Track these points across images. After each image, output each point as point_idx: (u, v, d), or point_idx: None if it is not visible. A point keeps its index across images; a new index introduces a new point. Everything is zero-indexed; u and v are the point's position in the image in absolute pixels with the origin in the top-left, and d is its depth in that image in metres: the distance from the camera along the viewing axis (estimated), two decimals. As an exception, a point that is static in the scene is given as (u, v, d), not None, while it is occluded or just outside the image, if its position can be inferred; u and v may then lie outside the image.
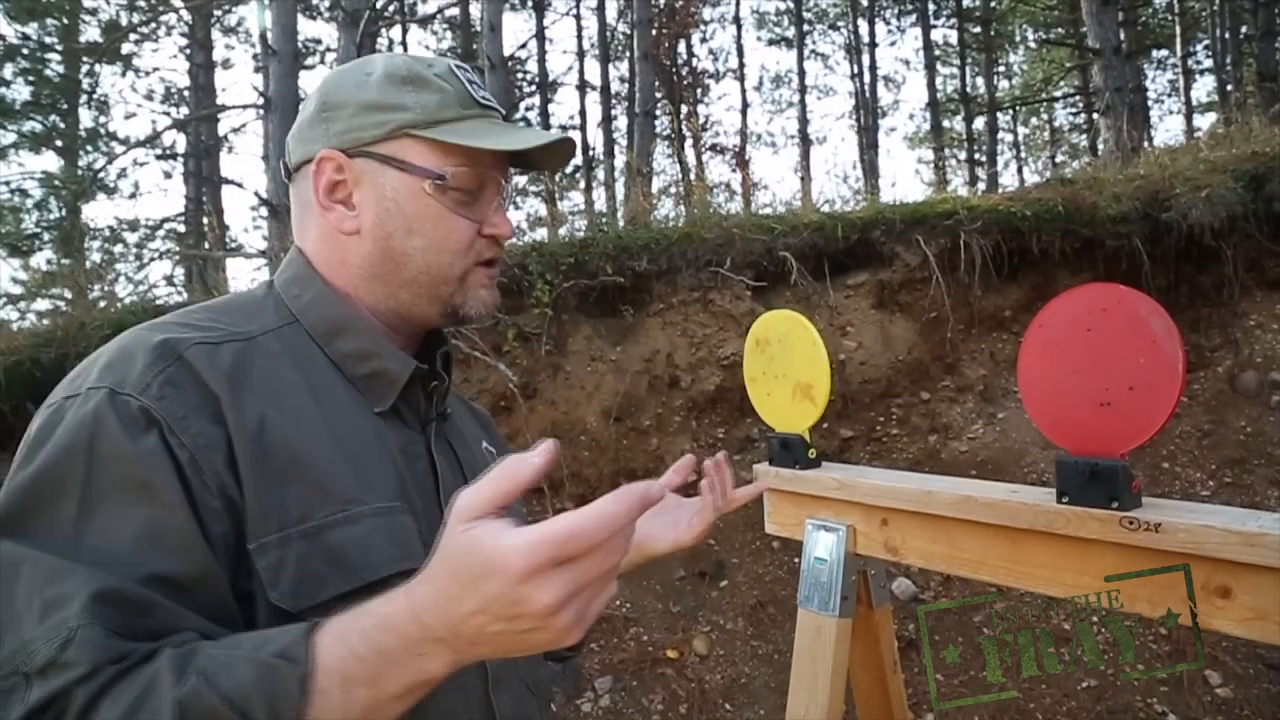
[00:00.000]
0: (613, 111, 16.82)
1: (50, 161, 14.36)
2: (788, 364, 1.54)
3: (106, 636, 0.63)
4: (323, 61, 15.88)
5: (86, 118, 14.69)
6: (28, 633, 0.62)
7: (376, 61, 0.91)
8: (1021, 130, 23.59)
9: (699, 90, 19.52)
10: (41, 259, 12.42)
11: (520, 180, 18.65)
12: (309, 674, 0.60)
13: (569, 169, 18.30)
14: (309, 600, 0.72)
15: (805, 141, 19.76)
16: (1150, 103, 18.32)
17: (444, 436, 0.96)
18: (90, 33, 14.44)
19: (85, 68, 13.95)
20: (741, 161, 17.07)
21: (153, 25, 14.93)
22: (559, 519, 0.59)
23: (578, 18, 18.08)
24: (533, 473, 0.63)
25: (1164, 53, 19.18)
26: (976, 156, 18.86)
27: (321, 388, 0.83)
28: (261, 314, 0.87)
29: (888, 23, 20.54)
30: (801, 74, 19.72)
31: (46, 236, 12.62)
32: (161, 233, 14.95)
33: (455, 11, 16.36)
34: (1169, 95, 21.32)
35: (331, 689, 0.61)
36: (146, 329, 0.79)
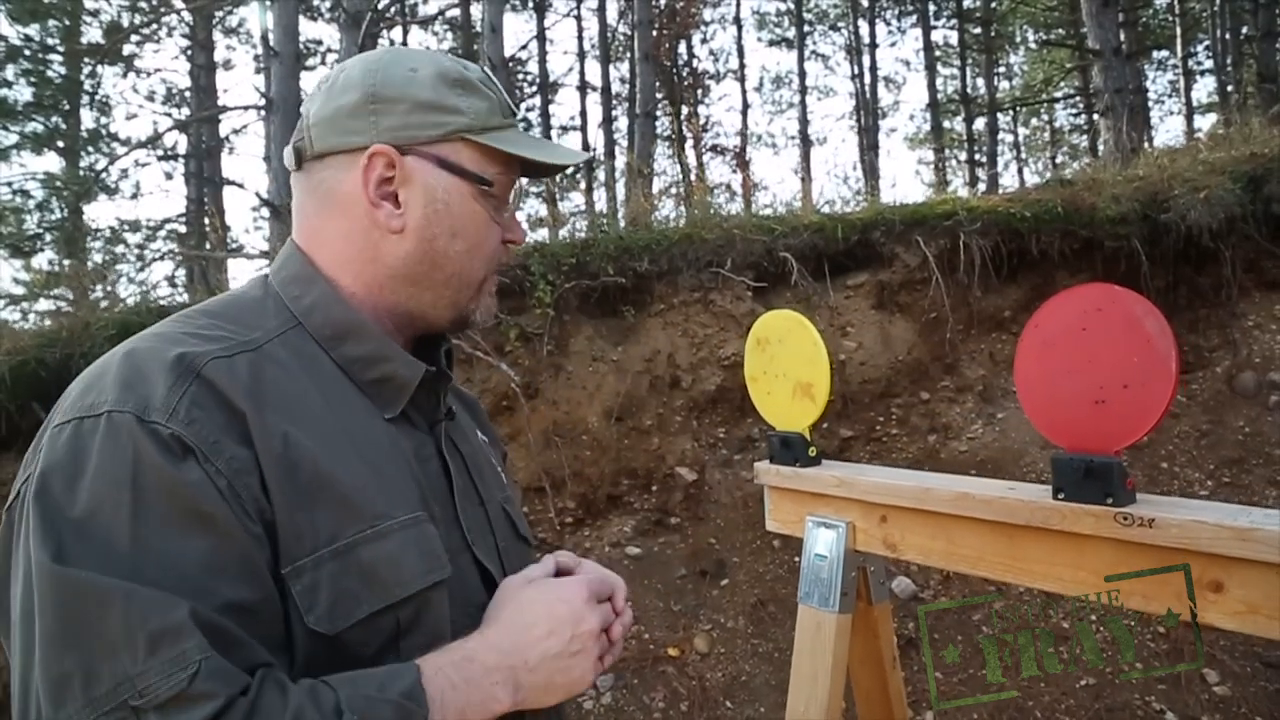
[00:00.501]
0: (613, 112, 16.85)
1: (52, 162, 14.40)
2: (788, 363, 1.56)
3: (230, 668, 0.64)
4: (323, 63, 15.90)
5: (88, 119, 14.70)
6: (133, 666, 0.61)
7: (419, 57, 0.90)
8: (1022, 131, 23.63)
9: (699, 91, 19.54)
10: (43, 259, 12.44)
11: (521, 180, 18.64)
12: (429, 714, 0.69)
13: (569, 170, 18.31)
14: (345, 621, 0.72)
15: (806, 142, 19.78)
16: (1150, 103, 18.37)
17: (449, 435, 0.95)
18: (92, 34, 14.48)
19: (87, 69, 13.97)
20: (742, 162, 17.08)
21: (154, 26, 14.94)
22: (595, 573, 0.91)
23: (578, 19, 18.12)
24: (555, 568, 0.91)
25: (1164, 53, 19.20)
26: (977, 157, 18.86)
27: (333, 396, 0.82)
28: (263, 317, 0.84)
29: (888, 23, 20.56)
30: (802, 75, 19.75)
31: (48, 237, 12.62)
32: (163, 233, 14.95)
33: (456, 12, 16.37)
34: (1169, 96, 21.36)
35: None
36: (155, 340, 0.76)
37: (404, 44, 16.84)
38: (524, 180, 1.02)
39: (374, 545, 0.76)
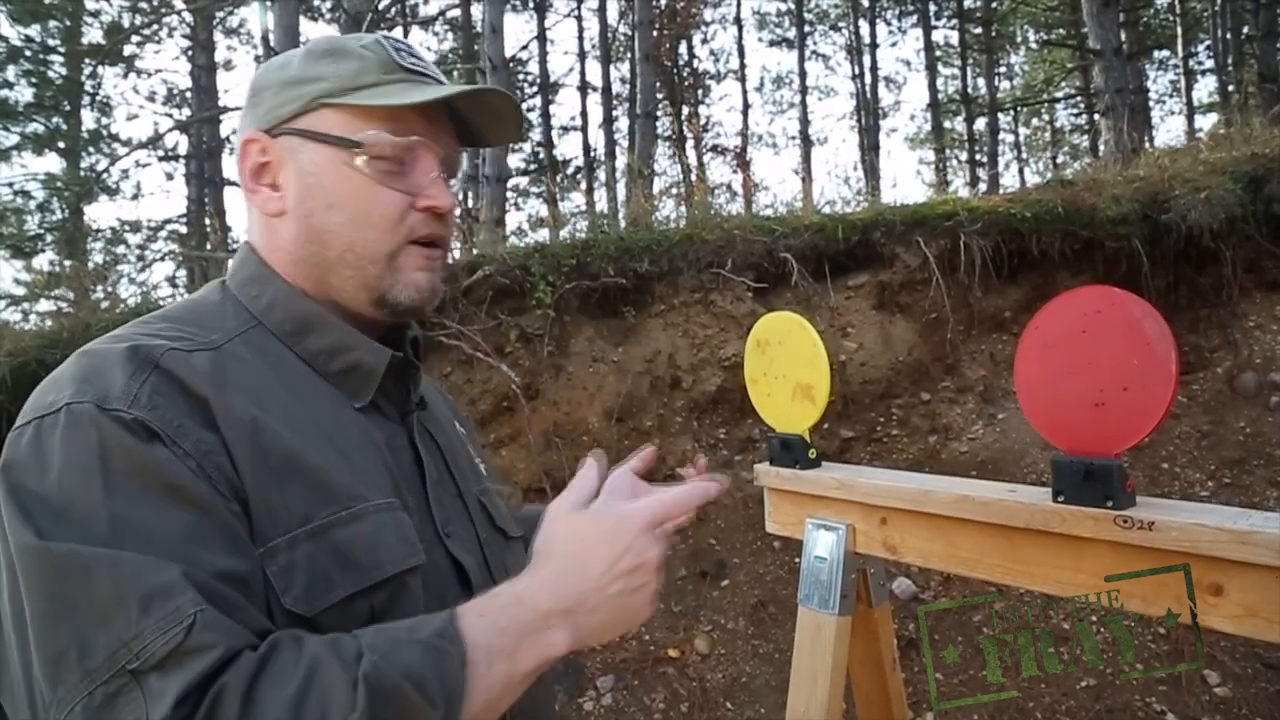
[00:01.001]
0: (614, 113, 16.83)
1: (53, 163, 14.38)
2: (788, 365, 1.56)
3: (229, 622, 0.62)
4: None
5: (89, 119, 14.70)
6: (127, 630, 0.59)
7: (305, 43, 0.90)
8: (1023, 131, 23.63)
9: (700, 91, 19.55)
10: (44, 260, 12.45)
11: (521, 181, 18.68)
12: (465, 652, 0.65)
13: (570, 170, 18.30)
14: (322, 602, 0.71)
15: (806, 142, 19.77)
16: (1151, 103, 18.37)
17: (423, 425, 0.93)
18: (92, 34, 14.48)
19: (88, 69, 13.98)
20: (742, 162, 17.09)
21: (155, 27, 14.95)
22: (655, 496, 0.81)
23: (579, 19, 18.11)
24: (598, 477, 0.84)
25: (1165, 53, 19.19)
26: (977, 157, 18.87)
27: (300, 389, 0.80)
28: (221, 320, 0.82)
29: (889, 24, 20.56)
30: (802, 75, 19.73)
31: (49, 238, 12.63)
32: (164, 234, 14.97)
33: (457, 13, 16.38)
34: (1170, 96, 21.36)
35: (479, 663, 0.66)
36: (108, 341, 0.75)
37: (404, 44, 16.83)
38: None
39: (349, 527, 0.74)
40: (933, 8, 19.22)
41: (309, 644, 0.63)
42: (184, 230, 15.08)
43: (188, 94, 16.24)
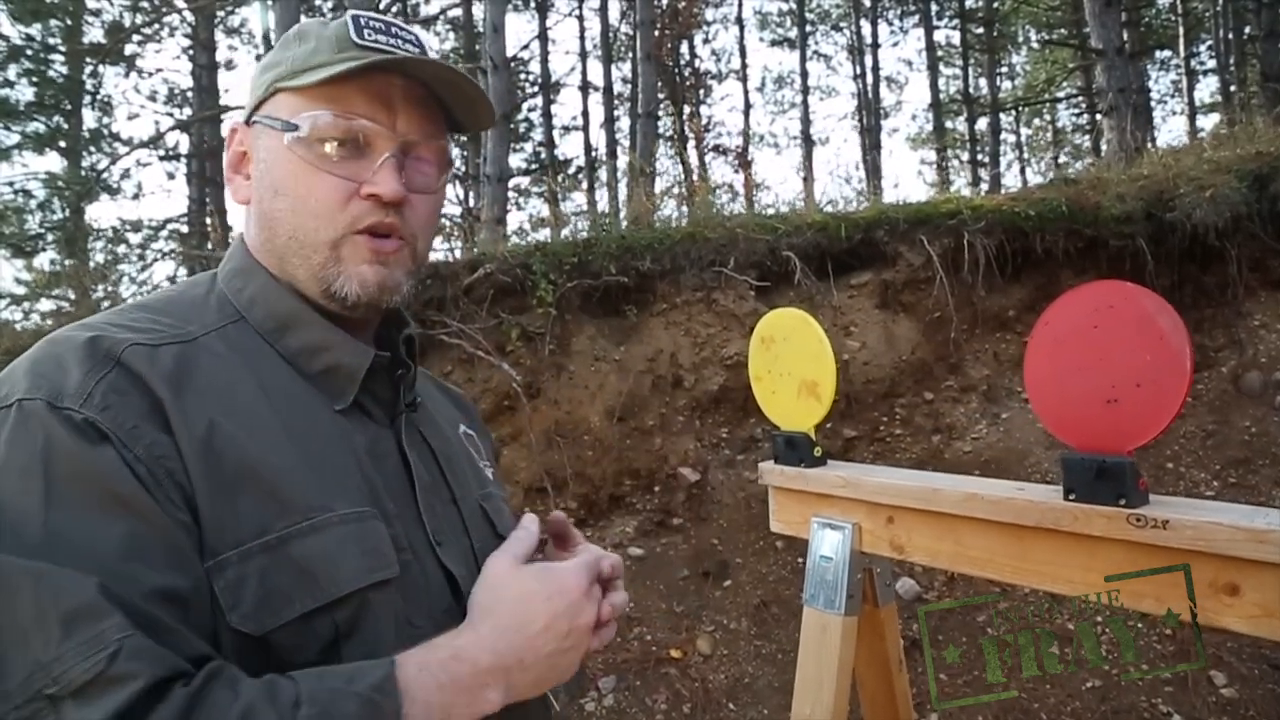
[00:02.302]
0: (615, 112, 16.80)
1: (54, 162, 14.41)
2: (793, 362, 1.55)
3: (157, 649, 0.58)
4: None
5: (90, 119, 14.70)
6: (45, 652, 0.56)
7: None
8: (1024, 131, 23.64)
9: (701, 91, 19.53)
10: (45, 260, 12.45)
11: (523, 181, 18.67)
12: (402, 708, 0.63)
13: (571, 170, 18.29)
14: (274, 620, 0.67)
15: (808, 142, 19.76)
16: (1153, 103, 18.35)
17: (415, 428, 0.89)
18: (93, 34, 14.49)
19: (88, 69, 13.98)
20: (744, 162, 17.07)
21: (156, 26, 14.95)
22: (590, 555, 0.84)
23: (580, 19, 18.09)
24: (538, 532, 0.87)
25: (1167, 53, 19.17)
26: (979, 157, 18.84)
27: (275, 388, 0.77)
28: (202, 313, 0.79)
29: (890, 24, 20.56)
30: (804, 75, 19.72)
31: (50, 237, 12.63)
32: (165, 233, 14.94)
33: (458, 13, 16.37)
34: (1172, 96, 21.36)
35: (415, 718, 0.64)
36: (74, 329, 0.72)
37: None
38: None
39: (307, 540, 0.70)
40: (934, 8, 19.20)
41: (244, 688, 0.60)
42: (185, 230, 15.07)
43: (189, 93, 16.23)
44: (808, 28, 20.61)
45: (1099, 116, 11.23)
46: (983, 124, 19.25)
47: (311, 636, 0.68)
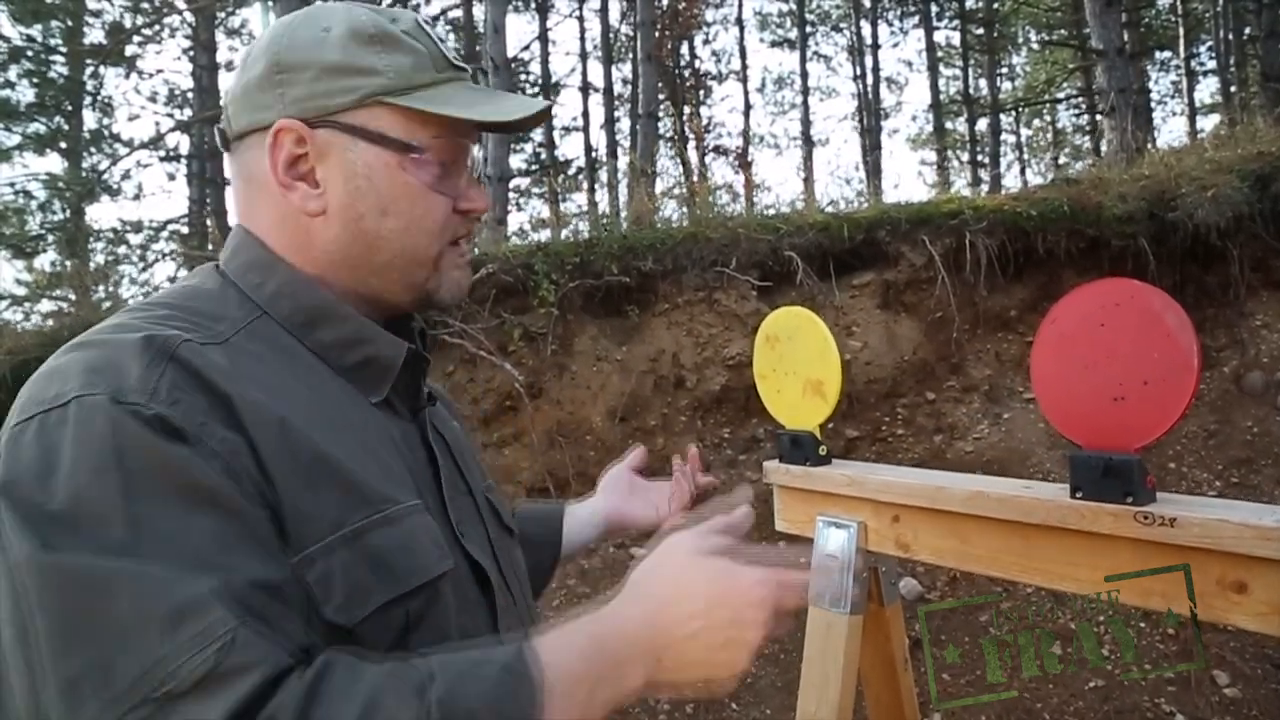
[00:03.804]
0: (615, 113, 16.83)
1: (54, 163, 14.38)
2: (798, 360, 1.54)
3: (267, 641, 0.57)
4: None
5: (90, 120, 14.72)
6: (152, 652, 0.54)
7: (335, 13, 0.79)
8: (1024, 132, 23.63)
9: (701, 92, 19.54)
10: (46, 260, 12.47)
11: (523, 182, 18.68)
12: (541, 681, 0.61)
13: (571, 170, 18.31)
14: (361, 612, 0.66)
15: (808, 143, 19.77)
16: (1153, 104, 18.35)
17: (432, 422, 0.89)
18: (94, 35, 14.52)
19: (89, 70, 14.00)
20: (744, 163, 17.08)
21: (156, 27, 14.97)
22: (780, 575, 0.74)
23: (580, 19, 18.11)
24: (744, 525, 0.83)
25: (1167, 54, 19.18)
26: (979, 158, 18.85)
27: (314, 384, 0.75)
28: (225, 309, 0.76)
29: (890, 24, 20.56)
30: (804, 75, 19.73)
31: (51, 238, 12.65)
32: (165, 234, 14.96)
33: (459, 13, 16.38)
34: (1172, 96, 21.36)
35: (557, 694, 0.62)
36: (113, 330, 0.68)
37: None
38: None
39: (383, 531, 0.70)
40: (934, 8, 19.21)
41: (367, 669, 0.59)
42: (185, 230, 15.07)
43: (189, 94, 16.24)
44: (808, 28, 20.62)
45: (1099, 117, 11.23)
46: (983, 125, 19.26)
47: (386, 627, 0.68)
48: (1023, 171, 22.66)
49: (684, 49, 18.61)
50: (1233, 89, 15.54)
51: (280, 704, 0.54)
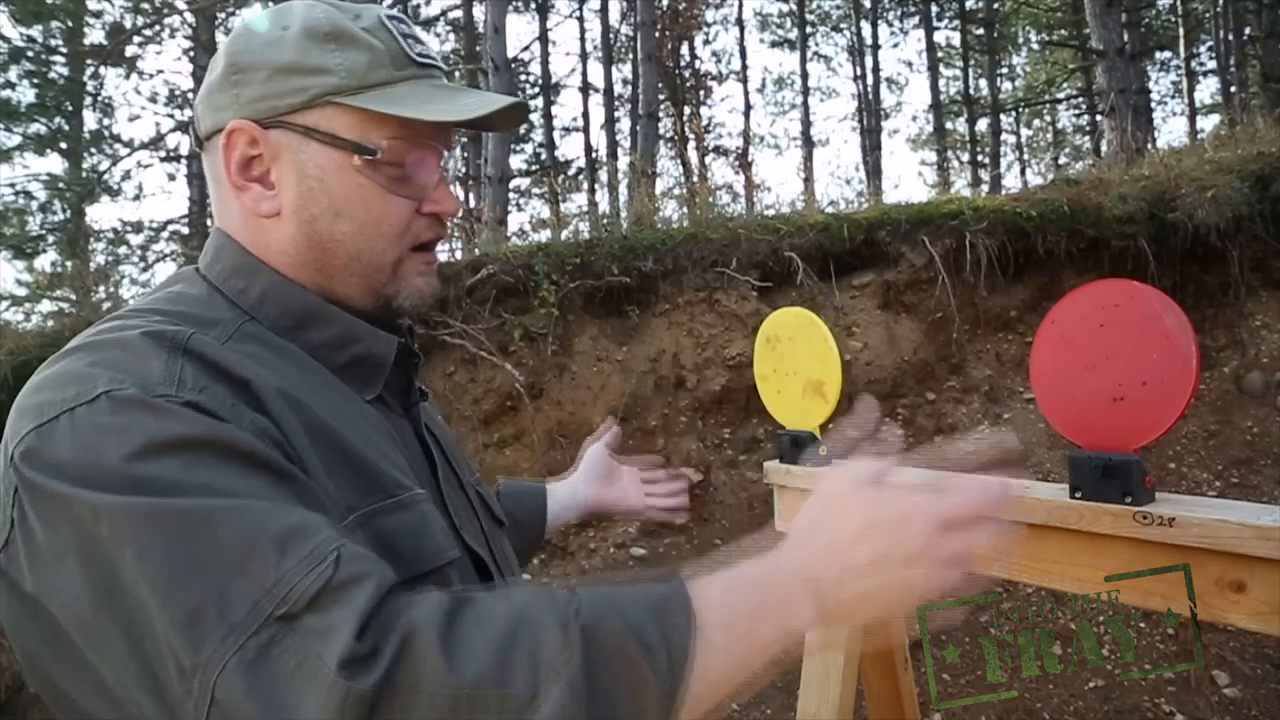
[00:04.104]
0: (616, 114, 16.84)
1: (55, 164, 14.40)
2: (799, 361, 1.55)
3: (374, 556, 0.58)
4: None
5: (91, 120, 14.73)
6: (266, 576, 0.54)
7: (295, 12, 0.78)
8: (1025, 132, 23.62)
9: (702, 92, 19.53)
10: (46, 261, 12.48)
11: (523, 182, 18.69)
12: (693, 606, 0.60)
13: (572, 171, 18.31)
14: None
15: (809, 143, 19.77)
16: (1154, 104, 18.33)
17: (423, 417, 0.90)
18: (94, 35, 14.53)
19: (89, 70, 14.01)
20: (745, 163, 17.08)
21: (157, 28, 14.97)
22: (961, 487, 0.71)
23: (581, 20, 18.11)
24: (899, 447, 0.77)
25: (1167, 54, 19.18)
26: (980, 158, 18.85)
27: (315, 379, 0.75)
28: (215, 312, 0.75)
29: (890, 25, 20.56)
30: (804, 76, 19.73)
31: (51, 238, 12.67)
32: (165, 235, 14.96)
33: (459, 14, 16.39)
34: (1172, 97, 21.35)
35: (713, 622, 0.60)
36: (109, 331, 0.67)
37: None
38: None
39: (395, 516, 0.71)
40: (934, 9, 19.21)
41: (512, 589, 0.60)
42: (185, 231, 15.07)
43: (189, 95, 16.22)
44: (808, 29, 20.62)
45: (1099, 117, 11.23)
46: (983, 125, 19.26)
47: None
48: (1023, 172, 22.69)
49: (684, 49, 18.60)
50: (1233, 89, 15.55)
51: (424, 611, 0.55)
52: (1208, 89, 21.00)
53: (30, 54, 12.98)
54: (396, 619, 0.55)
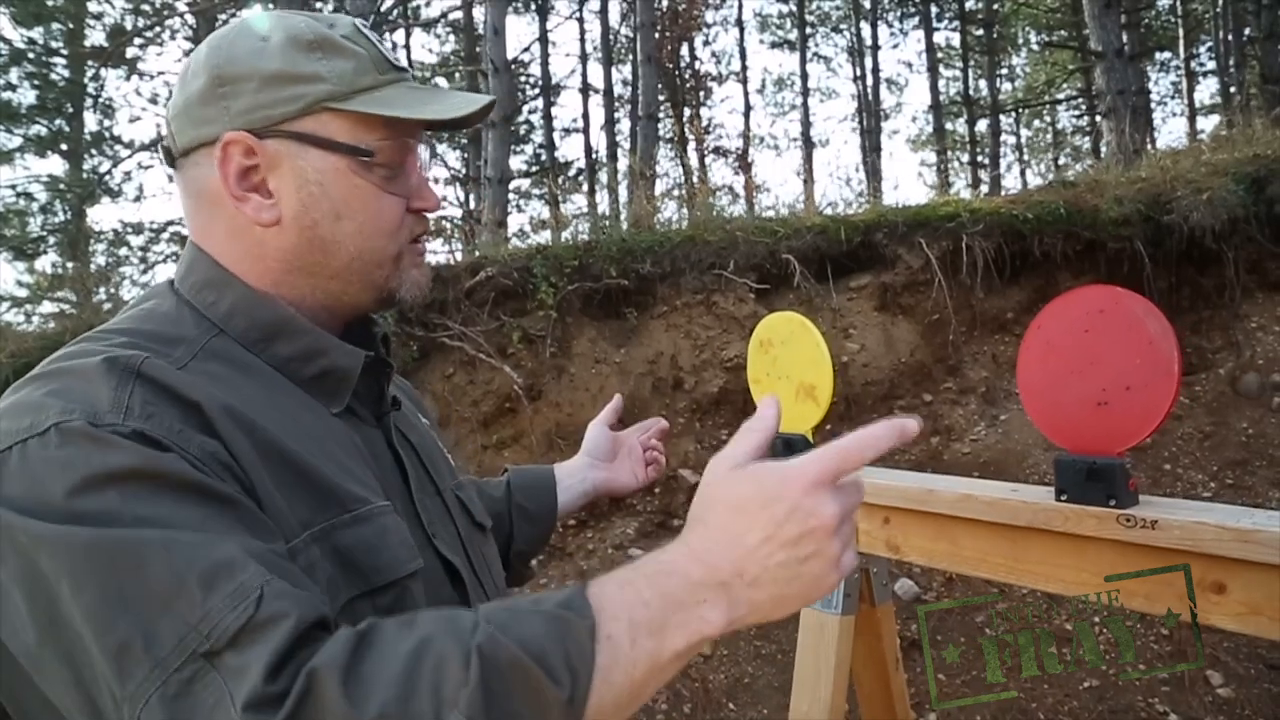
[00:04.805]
0: (615, 114, 16.84)
1: (55, 165, 14.39)
2: (791, 365, 1.56)
3: (298, 592, 0.59)
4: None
5: (91, 121, 14.72)
6: (192, 612, 0.56)
7: (271, 23, 0.80)
8: (1024, 133, 23.64)
9: (701, 93, 19.55)
10: (47, 262, 12.49)
11: (524, 183, 18.70)
12: (596, 623, 0.59)
13: (571, 172, 18.33)
14: (335, 606, 0.68)
15: (808, 144, 19.78)
16: (1153, 105, 18.35)
17: (397, 426, 0.90)
18: (95, 37, 14.53)
19: (90, 72, 14.01)
20: (744, 164, 17.09)
21: (157, 29, 14.99)
22: (828, 445, 0.66)
23: (580, 21, 18.12)
24: (774, 421, 0.72)
25: (1167, 55, 19.20)
26: (979, 159, 18.86)
27: (277, 395, 0.76)
28: (180, 329, 0.76)
29: (890, 25, 20.57)
30: (804, 77, 19.74)
31: (52, 240, 12.68)
32: (166, 236, 14.97)
33: (459, 15, 16.41)
34: (1172, 98, 21.36)
35: (620, 636, 0.59)
36: (72, 357, 0.69)
37: (406, 46, 16.89)
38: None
39: (351, 530, 0.72)
40: (934, 10, 19.22)
41: (419, 618, 0.60)
42: (185, 232, 15.08)
43: (190, 96, 16.21)
44: (808, 30, 20.63)
45: (1099, 118, 11.24)
46: (983, 126, 19.27)
47: (356, 622, 0.67)
48: (1023, 173, 22.70)
49: (684, 50, 18.62)
50: (1232, 90, 15.56)
51: (329, 651, 0.56)
52: (1207, 89, 21.04)
53: (31, 56, 12.99)
54: (308, 659, 0.55)
